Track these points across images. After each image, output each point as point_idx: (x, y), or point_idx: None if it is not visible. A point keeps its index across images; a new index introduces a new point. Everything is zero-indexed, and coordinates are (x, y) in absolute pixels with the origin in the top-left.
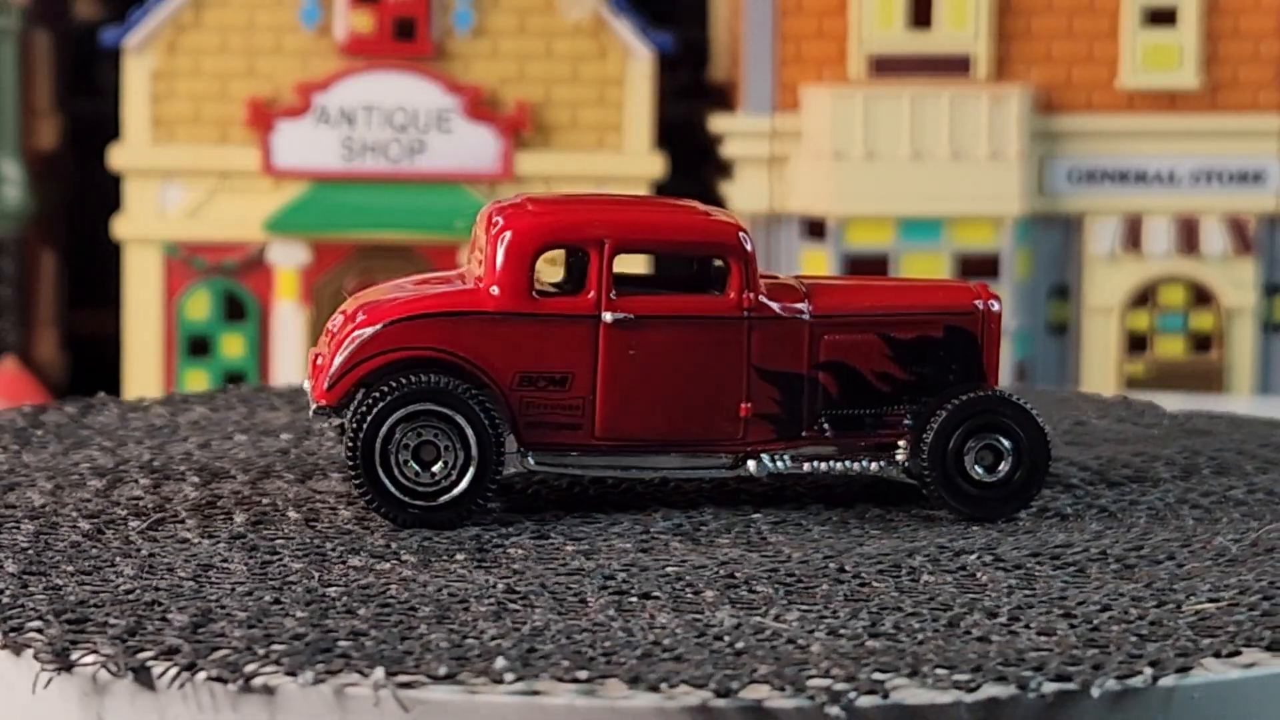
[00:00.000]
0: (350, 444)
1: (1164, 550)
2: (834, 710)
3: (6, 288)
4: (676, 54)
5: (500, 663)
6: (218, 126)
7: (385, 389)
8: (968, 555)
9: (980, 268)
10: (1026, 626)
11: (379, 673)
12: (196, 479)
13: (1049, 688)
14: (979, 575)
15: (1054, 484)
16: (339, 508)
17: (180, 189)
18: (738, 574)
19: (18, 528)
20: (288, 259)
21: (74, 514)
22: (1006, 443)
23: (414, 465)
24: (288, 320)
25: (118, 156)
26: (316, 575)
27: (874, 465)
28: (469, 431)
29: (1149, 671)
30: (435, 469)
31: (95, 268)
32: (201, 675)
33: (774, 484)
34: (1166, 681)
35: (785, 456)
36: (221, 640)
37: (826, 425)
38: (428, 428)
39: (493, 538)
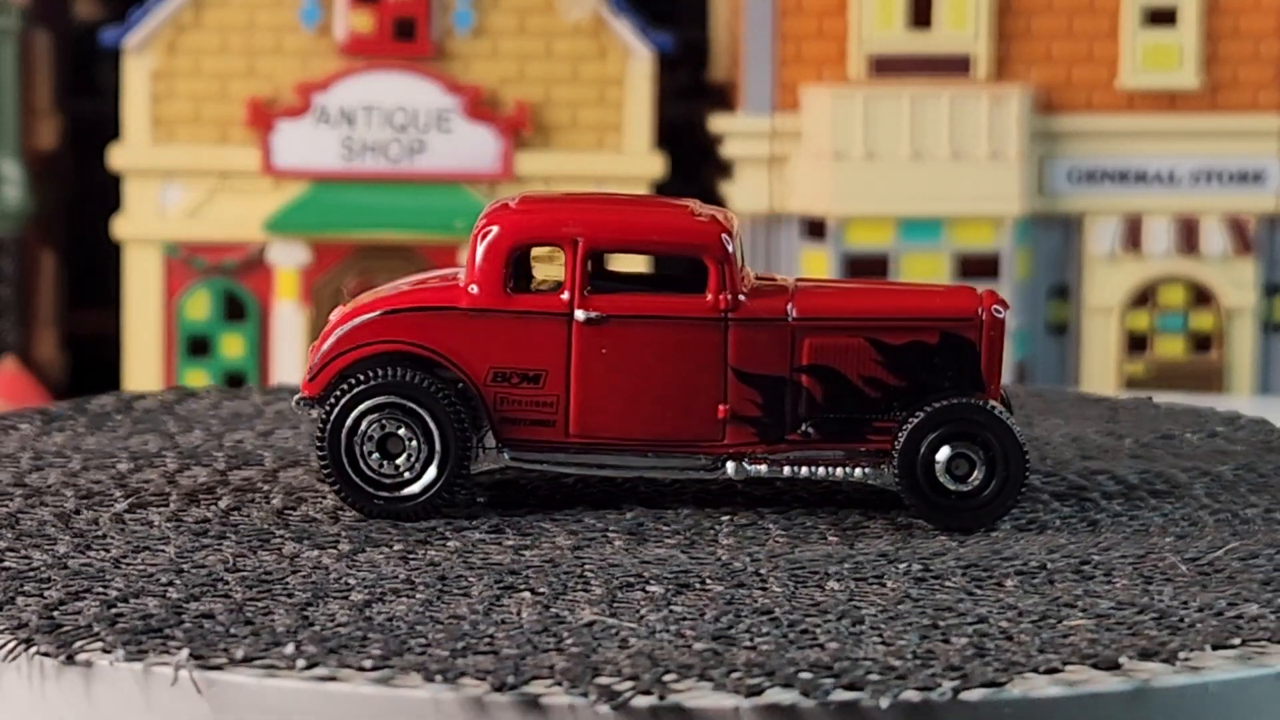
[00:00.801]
0: (319, 434)
1: (1108, 566)
2: (602, 708)
3: (6, 288)
4: (676, 54)
5: (290, 648)
6: (218, 126)
7: (352, 381)
8: (899, 564)
9: (980, 268)
10: (879, 635)
11: (183, 654)
12: (222, 465)
13: (838, 695)
14: (886, 584)
15: (1071, 496)
16: (327, 498)
17: (180, 189)
18: (646, 574)
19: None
20: (288, 259)
21: (68, 492)
22: (980, 453)
23: (377, 456)
24: (288, 320)
25: (118, 156)
26: (232, 560)
27: (857, 472)
28: (433, 426)
29: (948, 685)
30: (399, 461)
31: (95, 268)
32: (34, 650)
33: (784, 487)
34: (971, 695)
35: (766, 460)
36: (75, 617)
37: (813, 430)
38: (393, 420)
39: (446, 529)
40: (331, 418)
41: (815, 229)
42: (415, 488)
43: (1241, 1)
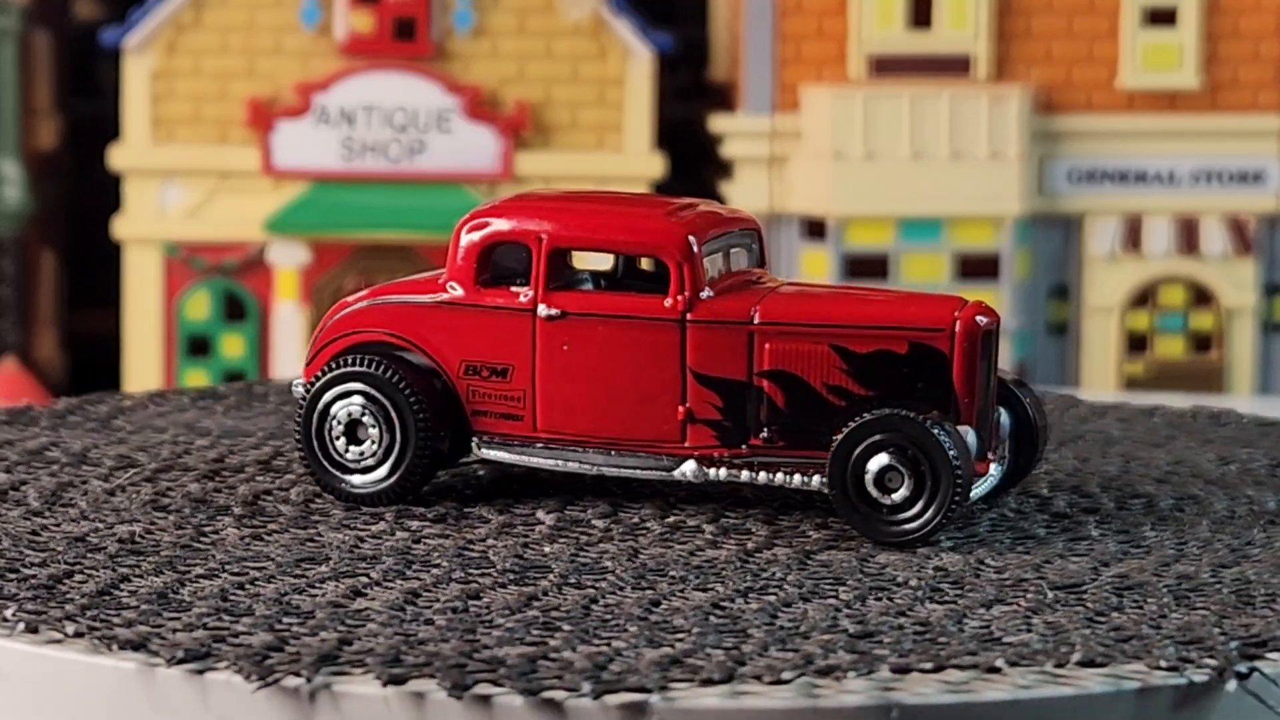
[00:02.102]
0: (296, 418)
1: (1017, 577)
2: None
3: (6, 288)
4: (676, 54)
5: (60, 614)
6: (218, 126)
7: (326, 368)
8: (807, 570)
9: (980, 268)
10: (696, 639)
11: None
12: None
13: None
14: (775, 588)
15: (1075, 507)
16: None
17: (180, 189)
18: (535, 567)
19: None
20: (288, 259)
21: (97, 480)
22: (908, 466)
23: (344, 441)
24: (288, 320)
25: (118, 156)
26: (161, 537)
27: (815, 480)
28: (394, 415)
29: (652, 687)
30: (363, 447)
31: (95, 268)
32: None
33: (752, 493)
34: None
35: (725, 464)
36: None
37: (776, 435)
38: (358, 407)
39: (398, 514)
40: (306, 403)
41: (815, 229)
42: (378, 474)
43: (1241, 1)
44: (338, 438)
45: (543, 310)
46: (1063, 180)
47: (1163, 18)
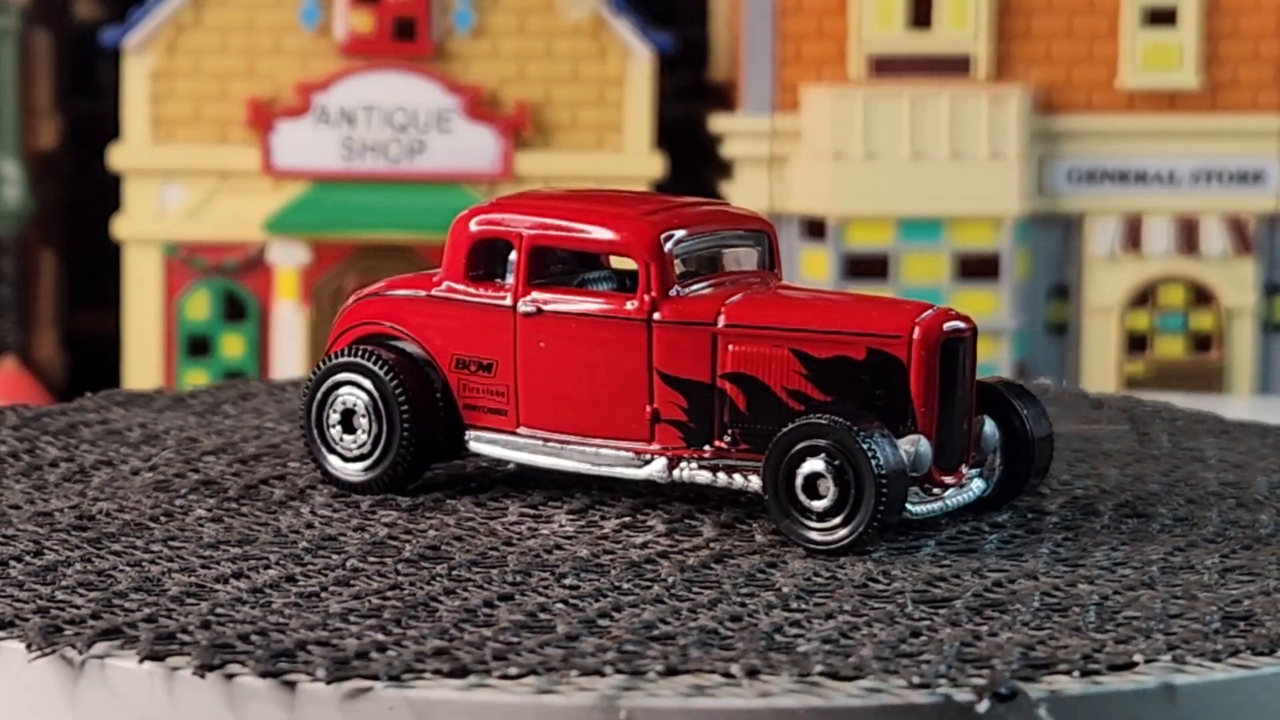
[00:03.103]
0: (301, 406)
1: (893, 590)
2: (190, 673)
3: (6, 288)
4: (676, 54)
5: None
6: (218, 126)
7: (326, 359)
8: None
9: (980, 268)
10: (473, 632)
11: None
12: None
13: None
14: (637, 590)
15: (1036, 517)
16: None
17: (180, 189)
18: (430, 559)
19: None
20: (288, 259)
21: (138, 460)
22: (833, 473)
23: (339, 430)
24: (288, 320)
25: (118, 156)
26: (121, 516)
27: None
28: (381, 405)
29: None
30: (356, 436)
31: (95, 268)
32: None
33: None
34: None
35: (690, 464)
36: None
37: (738, 438)
38: (353, 398)
39: (378, 503)
40: (308, 391)
41: (815, 229)
42: (367, 463)
43: (1241, 1)
44: (333, 426)
45: (521, 306)
46: (1063, 180)
47: (1163, 18)
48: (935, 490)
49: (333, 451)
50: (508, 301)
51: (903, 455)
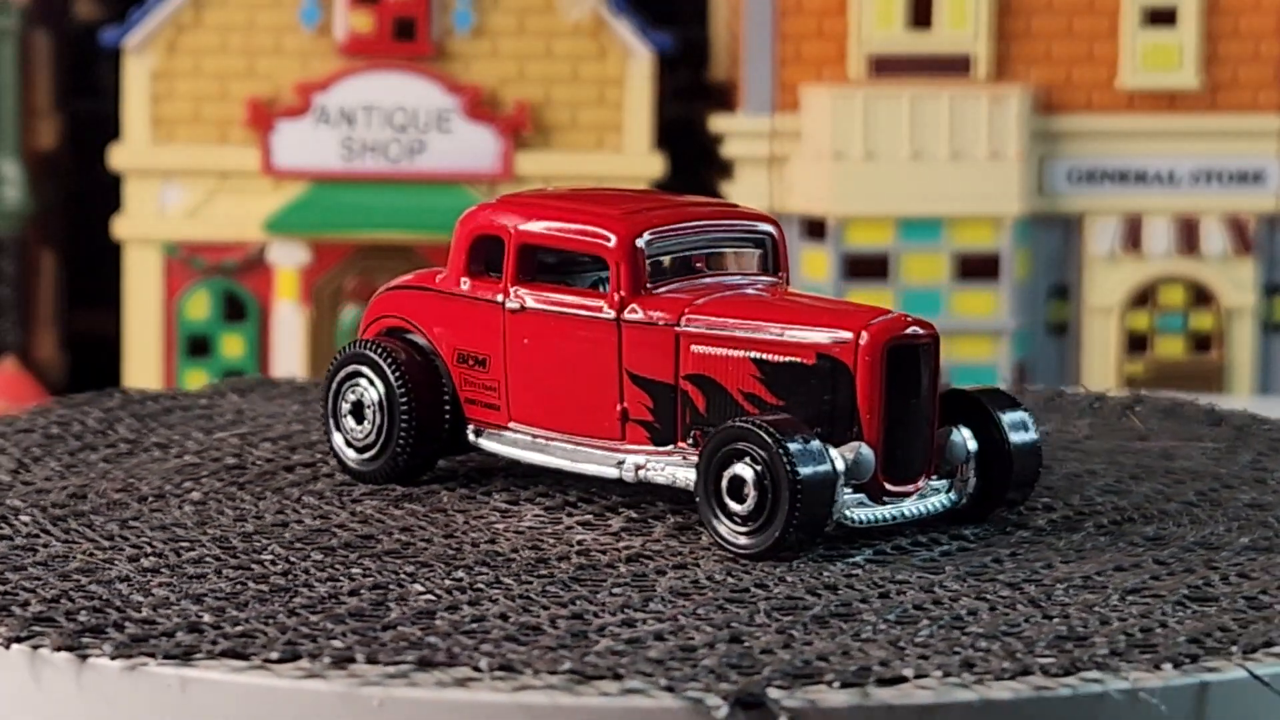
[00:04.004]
0: (321, 396)
1: (764, 595)
2: (98, 652)
3: (6, 288)
4: (676, 54)
5: None
6: (218, 126)
7: (341, 350)
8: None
9: (980, 268)
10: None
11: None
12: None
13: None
14: (528, 583)
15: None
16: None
17: (180, 189)
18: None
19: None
20: (288, 259)
21: (192, 442)
22: (754, 478)
23: (351, 419)
24: (288, 320)
25: (118, 156)
26: (123, 496)
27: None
28: (383, 397)
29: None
30: (364, 426)
31: (95, 268)
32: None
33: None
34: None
35: (657, 465)
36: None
37: (699, 440)
38: (361, 389)
39: (364, 492)
40: (325, 381)
41: (815, 229)
42: (371, 452)
43: (1241, 1)
44: (345, 415)
45: (507, 303)
46: (1063, 180)
47: (1163, 18)
48: (885, 499)
49: (345, 440)
50: (498, 298)
51: (832, 462)
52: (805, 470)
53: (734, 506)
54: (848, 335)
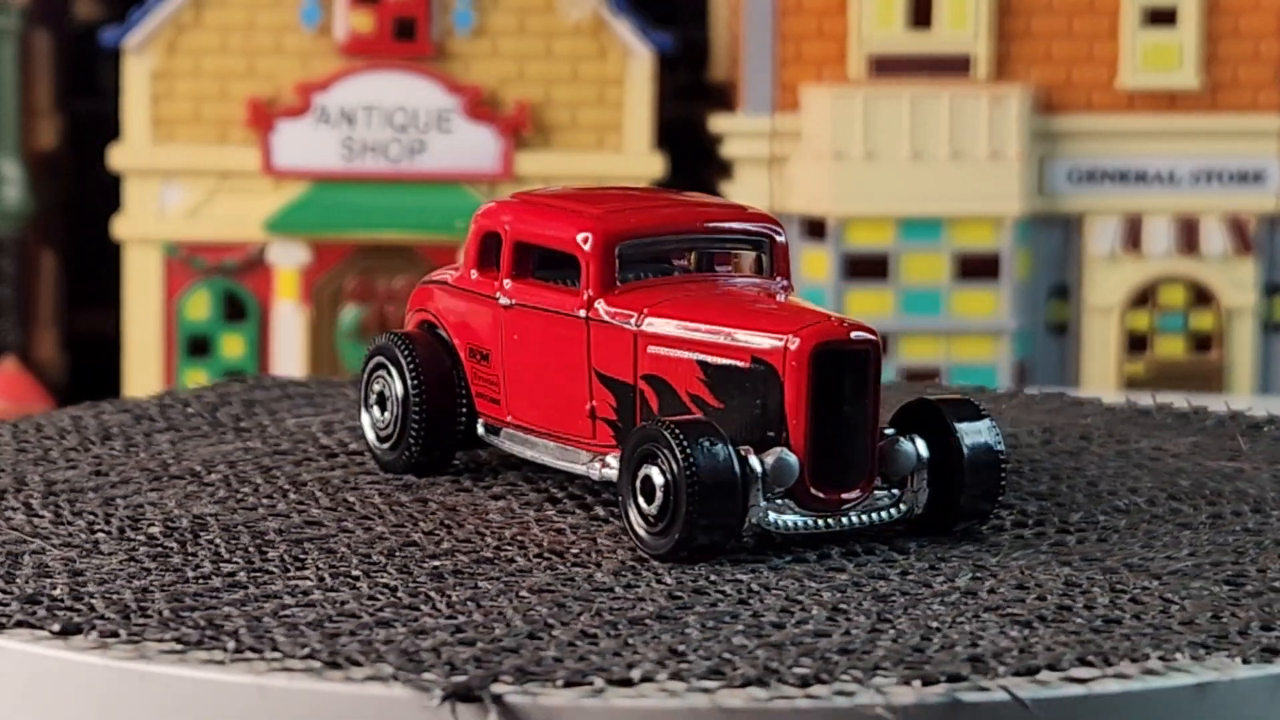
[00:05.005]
0: (358, 387)
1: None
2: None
3: (6, 288)
4: (676, 54)
5: None
6: (218, 126)
7: (373, 340)
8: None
9: (980, 268)
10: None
11: None
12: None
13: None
14: (433, 578)
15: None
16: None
17: (180, 189)
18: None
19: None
20: (288, 259)
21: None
22: (659, 479)
23: (377, 410)
24: (288, 320)
25: (118, 156)
26: (124, 473)
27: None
28: (399, 390)
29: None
30: (385, 417)
31: (95, 268)
32: None
33: None
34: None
35: (614, 463)
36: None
37: None
38: (382, 380)
39: (349, 481)
40: (360, 372)
41: (815, 229)
42: (390, 443)
43: (1241, 1)
44: (373, 405)
45: (500, 299)
46: (1063, 180)
47: (1163, 18)
48: (816, 507)
49: (372, 428)
50: (496, 294)
51: (738, 466)
52: (706, 473)
53: (644, 506)
54: (779, 340)
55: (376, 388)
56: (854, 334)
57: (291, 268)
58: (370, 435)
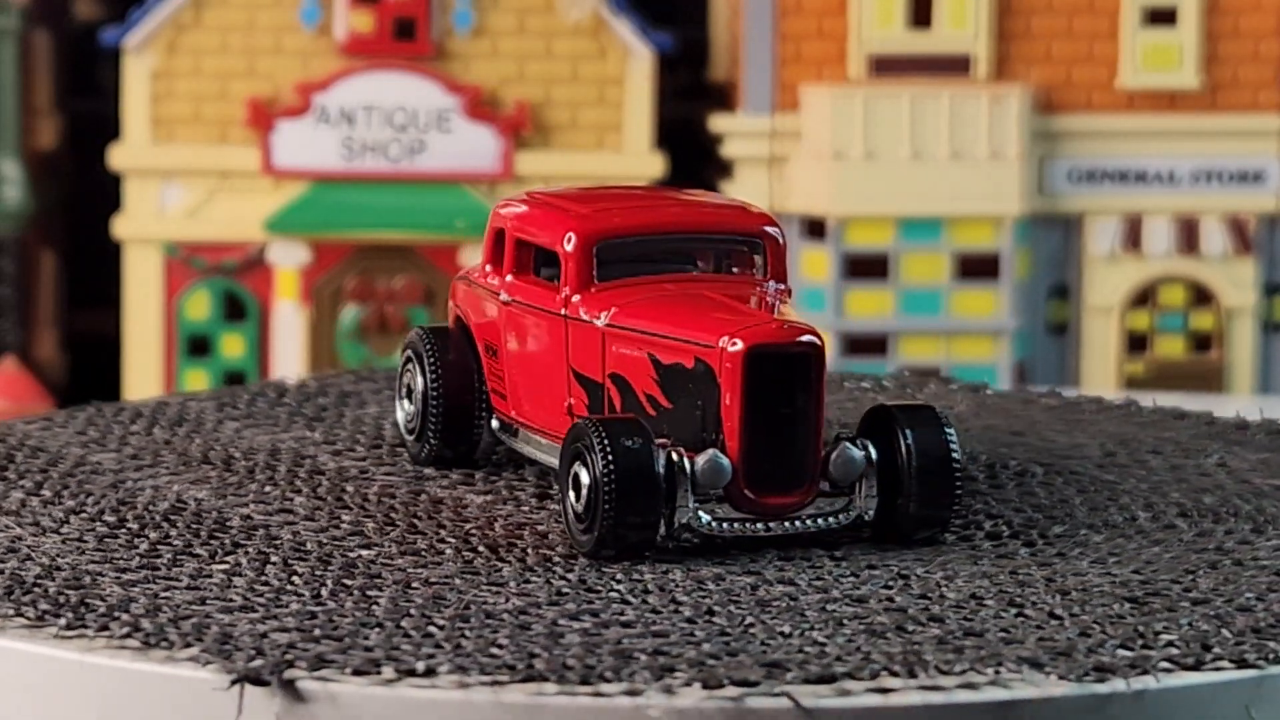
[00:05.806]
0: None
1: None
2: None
3: (6, 288)
4: (676, 54)
5: None
6: (218, 126)
7: (409, 333)
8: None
9: (980, 268)
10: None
11: None
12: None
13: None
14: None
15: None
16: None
17: (180, 189)
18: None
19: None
20: (288, 259)
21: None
22: (585, 478)
23: (407, 403)
24: (288, 320)
25: (118, 156)
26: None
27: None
28: (422, 387)
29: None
30: (411, 410)
31: (95, 268)
32: None
33: None
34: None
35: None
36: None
37: None
38: (409, 374)
39: (366, 472)
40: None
41: (815, 229)
42: (414, 435)
43: (1241, 1)
44: (403, 397)
45: (502, 295)
46: (1063, 180)
47: (1163, 18)
48: (752, 511)
49: (402, 419)
50: (499, 291)
51: (658, 467)
52: (626, 472)
53: (574, 504)
54: (713, 341)
55: (405, 380)
56: (796, 337)
57: (291, 268)
58: (401, 427)
